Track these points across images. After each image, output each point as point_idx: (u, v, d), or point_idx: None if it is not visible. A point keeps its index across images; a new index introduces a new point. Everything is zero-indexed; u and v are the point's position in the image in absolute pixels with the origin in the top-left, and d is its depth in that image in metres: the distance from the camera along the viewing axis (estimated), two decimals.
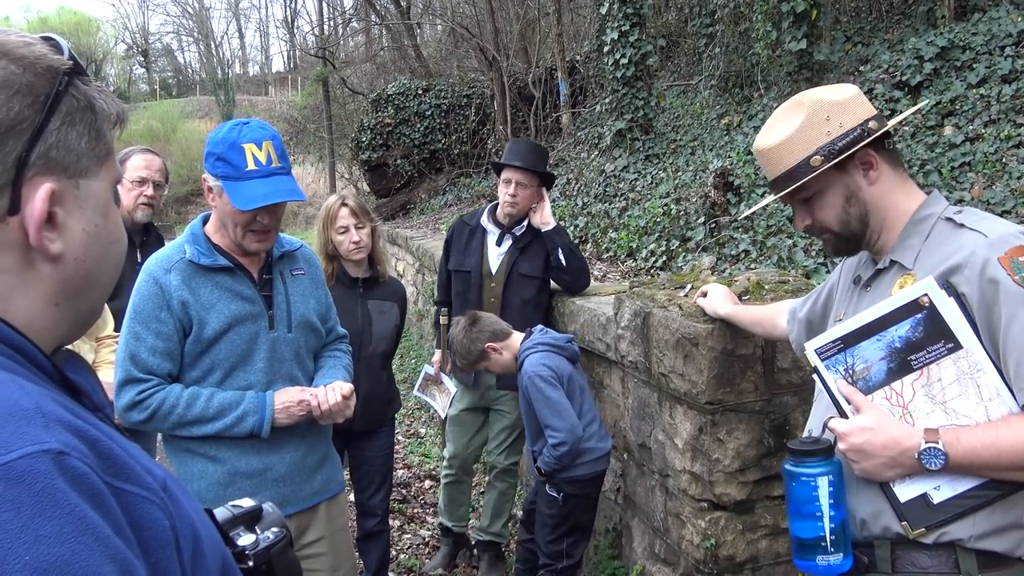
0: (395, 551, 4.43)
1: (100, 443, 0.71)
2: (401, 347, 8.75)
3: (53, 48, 0.82)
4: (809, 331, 2.03)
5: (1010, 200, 4.13)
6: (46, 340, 0.83)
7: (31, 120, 0.77)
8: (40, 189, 0.78)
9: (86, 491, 0.66)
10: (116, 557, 0.65)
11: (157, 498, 0.75)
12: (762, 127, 1.83)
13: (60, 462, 0.65)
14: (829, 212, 1.75)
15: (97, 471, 0.68)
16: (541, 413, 3.11)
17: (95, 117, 0.84)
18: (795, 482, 1.64)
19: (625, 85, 8.43)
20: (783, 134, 1.73)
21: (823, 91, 1.76)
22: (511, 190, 3.87)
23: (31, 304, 0.81)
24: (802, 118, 1.71)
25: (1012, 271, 1.47)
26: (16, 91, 0.77)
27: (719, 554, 2.79)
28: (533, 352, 3.23)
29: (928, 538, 1.57)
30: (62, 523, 0.62)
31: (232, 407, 2.27)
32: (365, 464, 3.62)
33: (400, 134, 13.31)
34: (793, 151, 1.71)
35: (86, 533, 0.63)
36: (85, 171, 0.83)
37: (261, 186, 2.18)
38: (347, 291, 3.51)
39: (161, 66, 53.40)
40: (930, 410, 1.58)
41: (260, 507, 1.09)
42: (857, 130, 1.68)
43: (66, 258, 0.82)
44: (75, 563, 0.61)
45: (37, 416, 0.68)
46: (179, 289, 2.26)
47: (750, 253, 4.74)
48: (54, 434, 0.67)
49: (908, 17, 7.83)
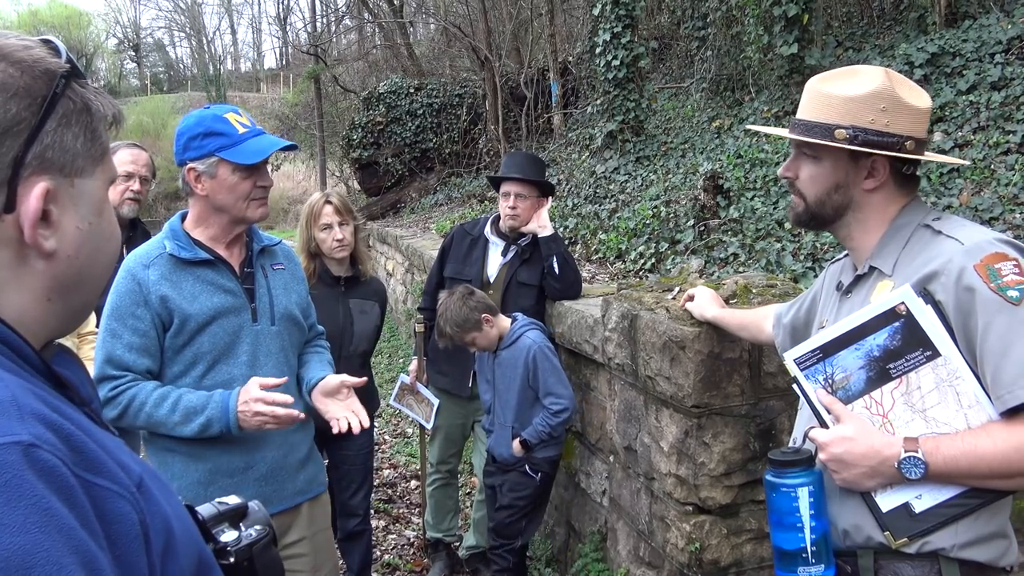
0: (379, 551, 4.41)
1: (73, 437, 0.73)
2: (388, 347, 8.77)
3: (51, 51, 0.85)
4: (793, 336, 2.02)
5: (998, 207, 4.14)
6: (37, 334, 0.85)
7: (28, 121, 0.80)
8: (35, 188, 0.81)
9: (54, 483, 0.67)
10: (79, 549, 0.67)
11: (127, 493, 0.76)
12: (835, 69, 1.74)
13: (29, 454, 0.67)
14: (815, 184, 1.72)
15: (68, 464, 0.70)
16: (547, 381, 3.32)
17: (91, 118, 0.87)
18: (776, 493, 1.63)
19: (617, 87, 8.43)
20: (840, 90, 1.66)
21: (905, 85, 1.68)
22: (511, 202, 3.84)
23: (23, 298, 0.83)
24: (867, 90, 1.63)
25: (988, 279, 1.46)
26: (13, 94, 0.79)
27: (704, 558, 2.78)
28: (532, 328, 3.47)
29: (911, 548, 1.56)
30: (27, 513, 0.64)
31: (197, 412, 2.23)
32: (345, 464, 3.60)
33: (391, 133, 13.29)
34: (833, 110, 1.64)
35: (50, 524, 0.65)
36: (80, 170, 0.86)
37: (259, 142, 2.25)
38: (329, 290, 3.49)
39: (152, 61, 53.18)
40: (910, 418, 1.57)
41: (246, 504, 1.11)
42: (894, 139, 1.61)
43: (59, 255, 0.85)
44: (37, 553, 0.63)
45: (12, 408, 0.69)
46: (158, 284, 2.24)
47: (739, 256, 4.74)
48: (27, 426, 0.69)
49: (899, 23, 7.86)
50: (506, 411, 3.45)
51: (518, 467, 3.43)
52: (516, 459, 3.43)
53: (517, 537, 3.47)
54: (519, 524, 3.45)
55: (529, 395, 3.41)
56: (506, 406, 3.45)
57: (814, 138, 1.66)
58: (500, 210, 3.95)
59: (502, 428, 3.48)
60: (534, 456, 3.40)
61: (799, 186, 1.74)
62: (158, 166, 4.08)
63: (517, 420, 3.41)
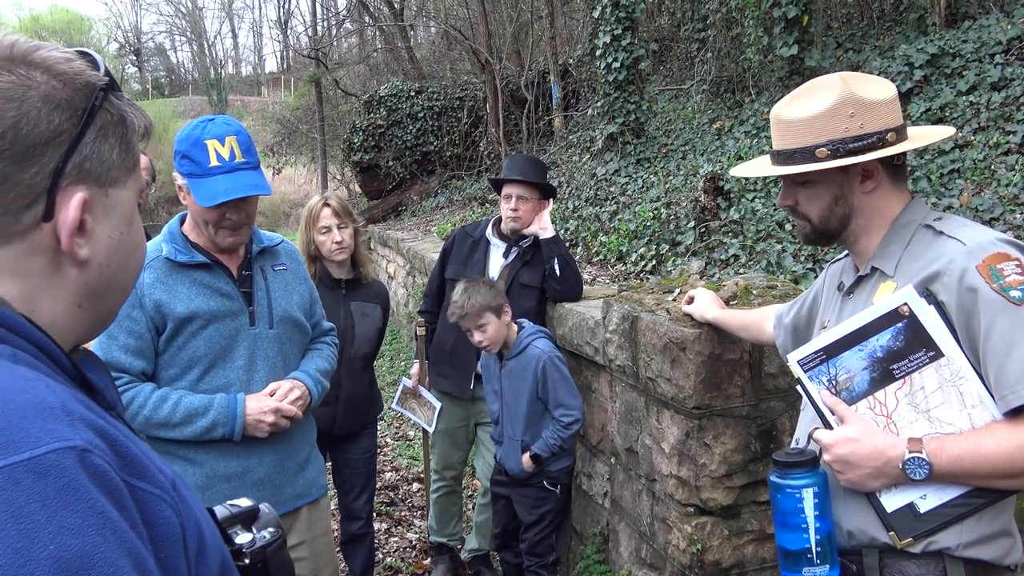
0: (381, 554, 4.40)
1: (118, 442, 0.76)
2: (391, 350, 8.77)
3: (90, 64, 0.88)
4: (794, 337, 2.02)
5: (998, 207, 4.14)
6: (66, 339, 0.88)
7: (68, 133, 0.83)
8: (73, 198, 0.83)
9: (106, 487, 0.70)
10: (131, 551, 0.69)
11: (168, 497, 0.79)
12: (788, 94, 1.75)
13: (84, 459, 0.69)
14: (814, 205, 1.73)
15: (116, 469, 0.73)
16: (558, 392, 3.29)
17: (126, 130, 0.90)
18: (780, 494, 1.63)
19: (617, 89, 8.43)
20: (802, 112, 1.67)
21: (863, 82, 1.68)
22: (512, 204, 3.84)
23: (56, 305, 0.86)
24: (829, 104, 1.63)
25: (990, 279, 1.46)
26: (56, 105, 0.82)
27: (705, 559, 2.78)
28: (540, 336, 3.43)
29: (916, 547, 1.56)
30: (84, 516, 0.66)
31: (200, 414, 2.23)
32: (348, 467, 3.60)
33: (392, 136, 13.28)
34: (804, 133, 1.65)
35: (105, 527, 0.67)
36: (115, 181, 0.89)
37: (224, 182, 2.17)
38: (330, 292, 3.48)
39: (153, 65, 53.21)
40: (914, 419, 1.57)
41: (257, 507, 1.13)
42: (873, 137, 1.62)
43: (92, 263, 0.87)
44: (95, 554, 0.65)
45: (63, 414, 0.71)
46: (152, 287, 2.24)
47: (739, 258, 4.74)
48: (78, 432, 0.71)
49: (899, 24, 7.86)
50: (515, 423, 3.39)
51: (534, 482, 3.38)
52: (528, 474, 3.38)
53: (550, 552, 3.42)
54: (550, 539, 3.41)
55: (539, 407, 3.36)
56: (515, 418, 3.39)
57: (798, 165, 1.67)
58: (501, 212, 3.95)
59: (511, 441, 3.43)
60: (549, 470, 3.36)
61: (801, 210, 1.76)
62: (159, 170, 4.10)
63: (527, 433, 3.36)
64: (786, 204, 1.79)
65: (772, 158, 1.76)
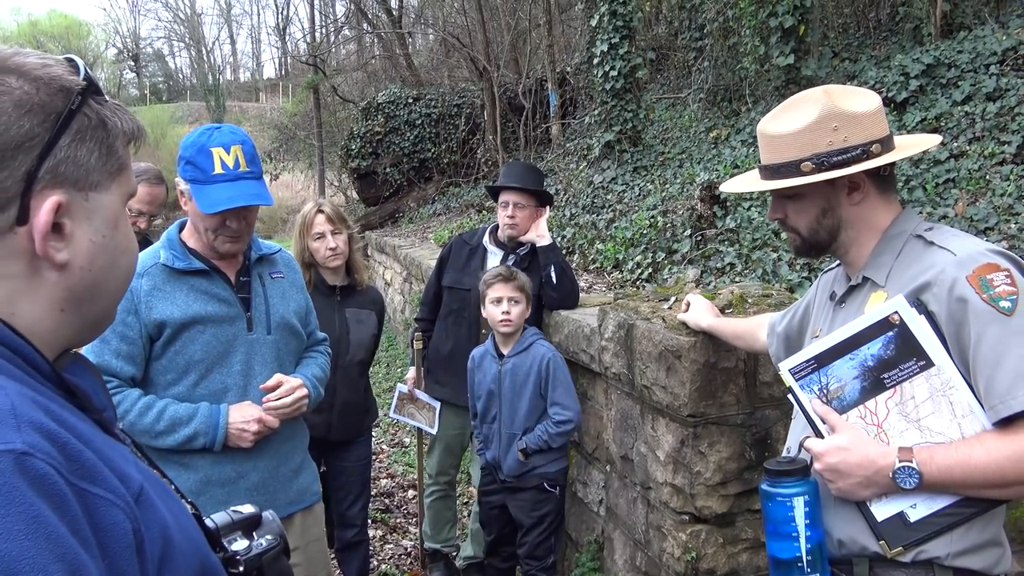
0: (376, 561, 4.39)
1: (69, 445, 0.74)
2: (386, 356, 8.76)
3: (72, 69, 0.87)
4: (787, 345, 2.03)
5: (993, 217, 4.16)
6: (52, 343, 0.87)
7: (41, 137, 0.82)
8: (47, 201, 0.83)
9: (45, 491, 0.69)
10: (66, 556, 0.68)
11: (122, 502, 0.78)
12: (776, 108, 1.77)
13: (22, 462, 0.68)
14: (802, 218, 1.75)
15: (62, 472, 0.71)
16: (557, 391, 3.34)
17: (107, 134, 0.89)
18: (771, 502, 1.64)
19: (614, 97, 8.46)
20: (786, 127, 1.69)
21: (846, 95, 1.70)
22: (509, 212, 3.85)
23: (36, 309, 0.85)
24: (812, 118, 1.65)
25: (980, 289, 1.47)
26: (28, 110, 0.82)
27: (700, 567, 2.78)
28: (543, 338, 3.56)
29: (906, 556, 1.57)
30: (14, 520, 0.65)
31: (183, 423, 2.23)
32: (343, 475, 3.59)
33: (390, 142, 13.30)
34: (789, 148, 1.67)
35: (38, 532, 0.66)
36: (95, 185, 0.88)
37: (226, 190, 2.18)
38: (325, 299, 3.48)
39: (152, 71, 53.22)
40: (904, 428, 1.57)
41: (259, 514, 1.14)
42: (858, 150, 1.63)
43: (72, 266, 0.87)
44: (23, 560, 0.64)
45: (9, 417, 0.71)
46: (149, 294, 2.25)
47: (735, 266, 4.75)
48: (22, 435, 0.70)
49: (895, 34, 7.90)
50: (514, 419, 3.41)
51: (533, 485, 3.40)
52: (522, 471, 3.39)
53: (549, 555, 3.45)
54: (549, 542, 3.44)
55: (540, 404, 3.38)
56: (515, 413, 3.41)
57: (784, 179, 1.69)
58: (499, 219, 3.96)
59: (509, 439, 3.43)
60: (548, 471, 3.39)
61: (790, 224, 1.79)
62: None
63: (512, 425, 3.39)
64: (775, 217, 1.81)
65: (760, 172, 1.78)
